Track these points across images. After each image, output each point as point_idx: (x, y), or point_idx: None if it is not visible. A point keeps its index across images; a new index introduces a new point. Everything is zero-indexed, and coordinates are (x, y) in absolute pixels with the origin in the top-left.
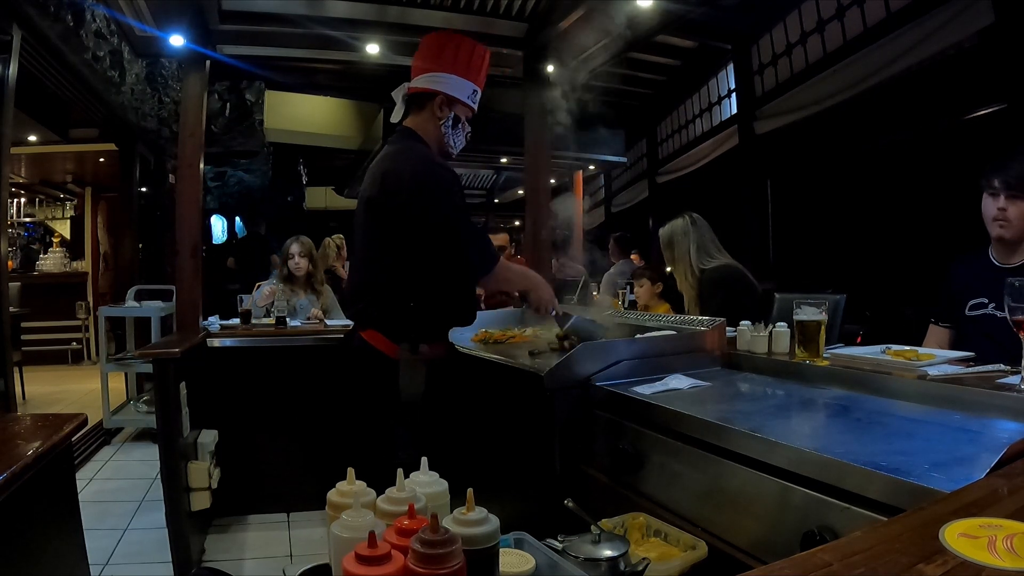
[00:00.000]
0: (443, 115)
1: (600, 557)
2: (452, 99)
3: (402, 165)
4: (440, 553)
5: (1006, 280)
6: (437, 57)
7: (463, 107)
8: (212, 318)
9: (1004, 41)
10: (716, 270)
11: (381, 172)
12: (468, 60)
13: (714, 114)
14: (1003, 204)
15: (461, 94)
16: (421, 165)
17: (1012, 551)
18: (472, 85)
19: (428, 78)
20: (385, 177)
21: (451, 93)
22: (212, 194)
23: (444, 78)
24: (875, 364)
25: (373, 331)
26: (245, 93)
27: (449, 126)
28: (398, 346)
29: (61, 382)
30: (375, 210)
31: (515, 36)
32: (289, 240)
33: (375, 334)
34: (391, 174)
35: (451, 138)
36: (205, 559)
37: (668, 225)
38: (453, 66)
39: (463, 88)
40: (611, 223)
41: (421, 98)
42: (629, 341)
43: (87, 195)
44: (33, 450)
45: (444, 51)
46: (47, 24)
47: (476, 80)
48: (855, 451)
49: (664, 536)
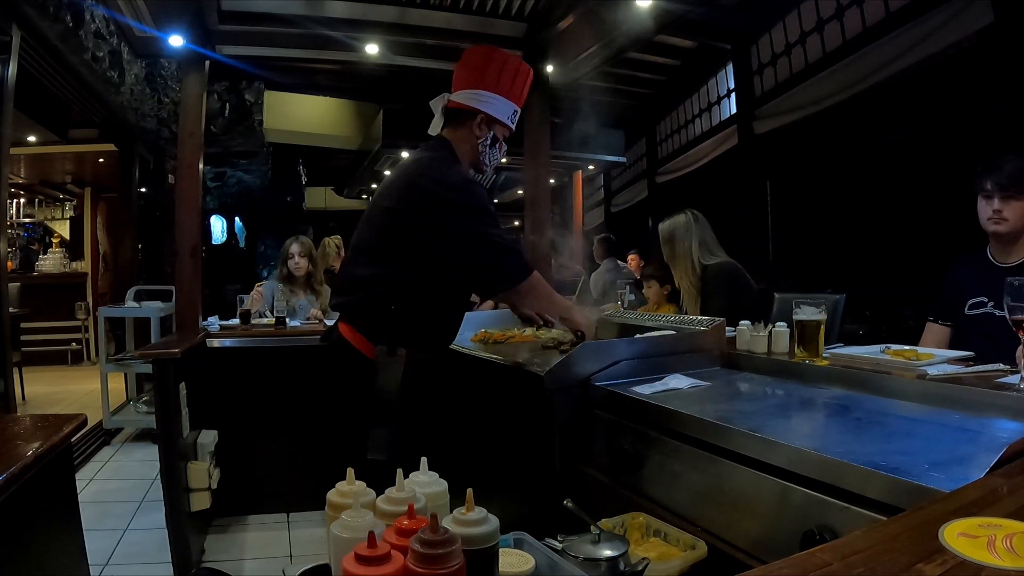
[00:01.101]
0: (482, 134)
1: (600, 557)
2: (493, 119)
3: (427, 182)
4: (440, 553)
5: (1005, 279)
6: (481, 73)
7: (502, 127)
8: (212, 318)
9: (1003, 41)
10: (719, 267)
11: (407, 183)
12: (512, 80)
13: (713, 114)
14: (998, 206)
15: (502, 115)
16: (447, 184)
17: (1012, 550)
18: (514, 106)
19: (470, 95)
20: (410, 189)
21: (493, 114)
22: (211, 194)
23: (487, 97)
24: (874, 364)
25: (352, 328)
26: (244, 93)
27: (487, 144)
28: (375, 346)
29: (61, 383)
30: (390, 218)
31: (514, 36)
32: (289, 240)
33: (354, 331)
34: (416, 188)
35: (487, 156)
36: (205, 559)
37: (669, 221)
38: (496, 85)
39: (505, 109)
40: (611, 223)
41: (460, 113)
42: (629, 341)
43: (87, 195)
44: (33, 451)
45: (488, 68)
46: (46, 24)
47: (518, 100)
48: (855, 451)
49: (664, 536)
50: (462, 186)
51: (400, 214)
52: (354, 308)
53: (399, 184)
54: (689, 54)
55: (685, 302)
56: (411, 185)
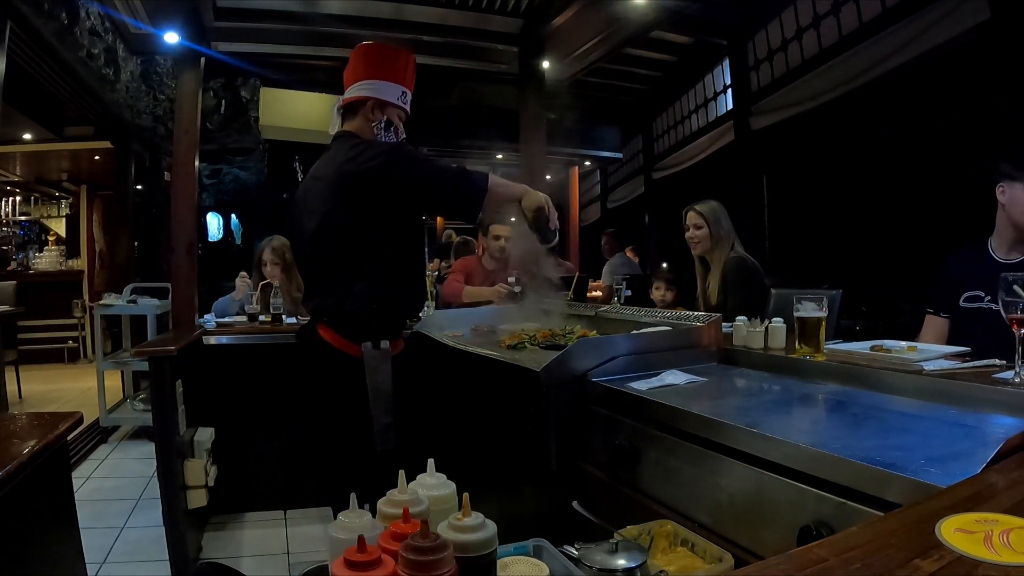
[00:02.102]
0: (375, 118)
1: (615, 567)
2: (383, 102)
3: (355, 165)
4: (429, 560)
5: (1000, 275)
6: (365, 66)
7: (395, 108)
8: (208, 315)
9: (1000, 37)
10: (743, 259)
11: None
12: (392, 63)
13: (710, 110)
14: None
15: (391, 97)
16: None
17: (1008, 546)
18: (400, 87)
19: (357, 87)
20: (343, 182)
21: (381, 97)
22: (207, 191)
23: (372, 84)
24: (870, 359)
25: (332, 330)
26: (240, 90)
27: (382, 128)
28: (360, 344)
29: (57, 381)
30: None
31: (510, 32)
32: (264, 242)
33: (334, 334)
34: (348, 177)
35: (384, 139)
36: (202, 557)
37: (706, 203)
38: (379, 72)
39: (392, 91)
40: (607, 219)
41: (355, 106)
42: (625, 337)
43: (82, 193)
44: (28, 449)
45: (369, 59)
46: (41, 21)
47: (403, 82)
48: (851, 446)
49: (691, 546)
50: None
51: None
52: (333, 311)
53: (328, 184)
54: (685, 50)
55: (711, 288)
56: (341, 178)
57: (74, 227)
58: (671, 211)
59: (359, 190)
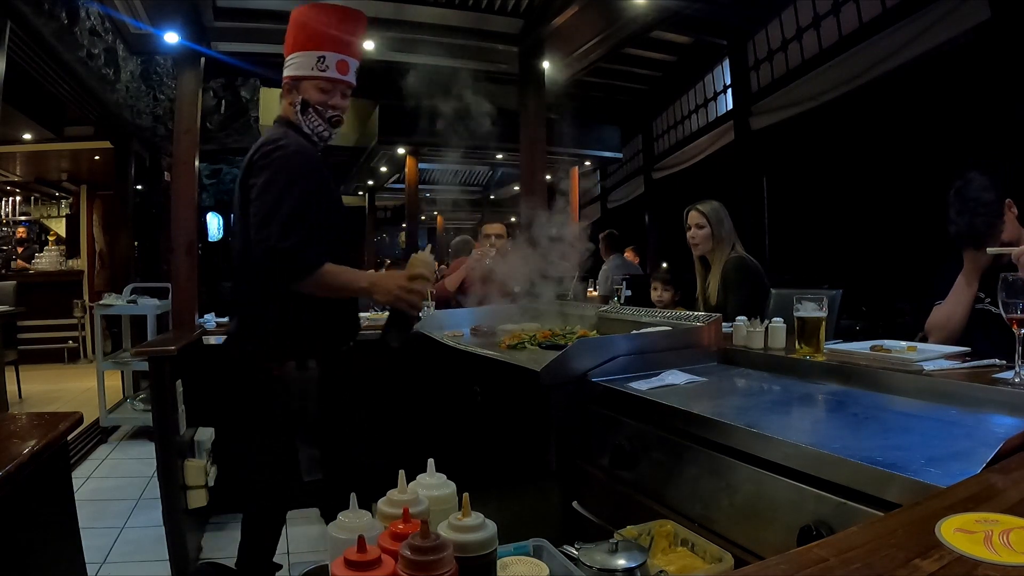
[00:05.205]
0: (292, 98)
1: (615, 567)
2: (296, 79)
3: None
4: (429, 560)
5: (1000, 275)
6: (287, 44)
7: (310, 83)
8: (208, 315)
9: (1000, 37)
10: (743, 259)
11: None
12: (303, 30)
13: (710, 110)
14: None
15: (304, 70)
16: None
17: (1008, 546)
18: (315, 54)
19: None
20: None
21: (294, 73)
22: (207, 191)
23: (290, 60)
24: (870, 359)
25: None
26: (240, 90)
27: (299, 111)
28: (281, 363)
29: (58, 380)
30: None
31: (510, 32)
32: None
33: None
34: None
35: (304, 125)
36: (202, 557)
37: (708, 203)
38: (293, 44)
39: (305, 63)
40: (607, 219)
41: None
42: (625, 337)
43: (82, 193)
44: (28, 449)
45: (289, 33)
46: (41, 21)
47: (321, 46)
48: (851, 446)
49: (691, 546)
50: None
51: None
52: (254, 326)
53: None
54: (685, 50)
55: (711, 288)
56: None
57: (74, 227)
58: (671, 211)
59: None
